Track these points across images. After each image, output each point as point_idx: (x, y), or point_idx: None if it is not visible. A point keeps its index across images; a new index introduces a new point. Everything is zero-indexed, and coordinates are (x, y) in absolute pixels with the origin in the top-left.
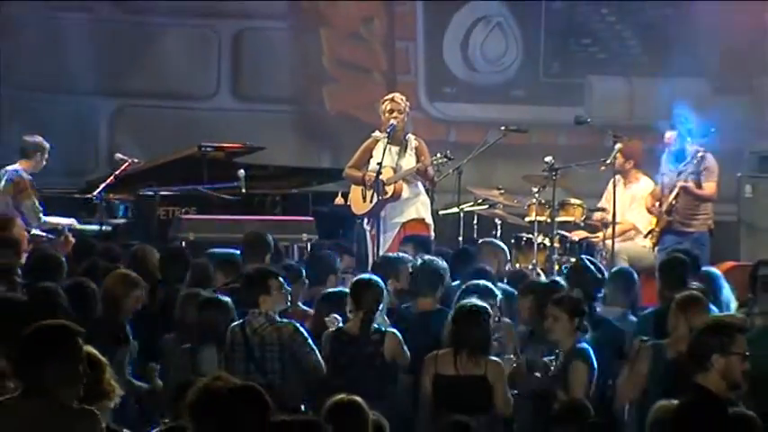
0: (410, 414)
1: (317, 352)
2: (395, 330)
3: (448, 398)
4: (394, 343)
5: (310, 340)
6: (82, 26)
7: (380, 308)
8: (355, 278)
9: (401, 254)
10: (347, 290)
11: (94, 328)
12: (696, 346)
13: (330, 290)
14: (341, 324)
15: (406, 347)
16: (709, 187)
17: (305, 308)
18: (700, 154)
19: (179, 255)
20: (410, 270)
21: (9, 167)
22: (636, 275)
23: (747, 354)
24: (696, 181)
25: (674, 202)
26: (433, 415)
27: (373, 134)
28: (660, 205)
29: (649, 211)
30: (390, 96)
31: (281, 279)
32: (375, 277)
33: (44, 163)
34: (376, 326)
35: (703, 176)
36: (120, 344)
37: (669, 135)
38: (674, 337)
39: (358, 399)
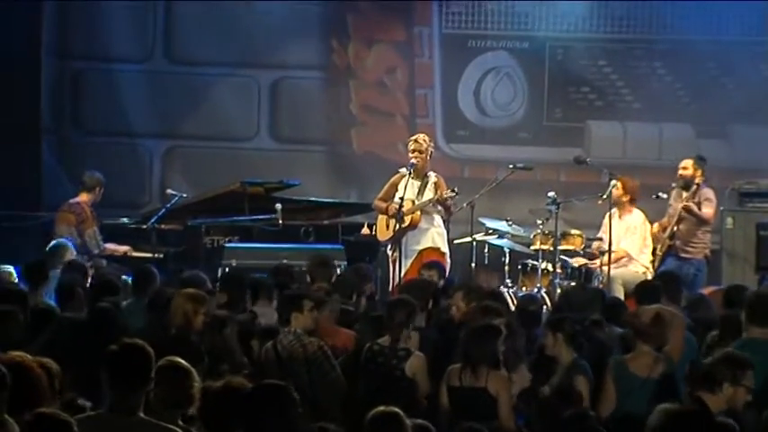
0: None
1: (337, 369)
2: (421, 354)
3: (454, 407)
4: (416, 363)
5: (332, 358)
6: (137, 77)
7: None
8: (391, 298)
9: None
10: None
11: (171, 346)
12: (711, 372)
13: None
14: None
15: (426, 372)
16: (707, 213)
17: (336, 327)
18: (698, 184)
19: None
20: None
21: (72, 200)
22: None
23: (753, 387)
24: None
25: (676, 228)
26: (447, 423)
27: (400, 170)
28: (664, 231)
29: (655, 237)
30: (414, 138)
31: (312, 302)
32: (407, 297)
33: (101, 197)
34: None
35: (703, 204)
36: (196, 360)
37: (686, 164)
38: (635, 352)
39: (397, 410)
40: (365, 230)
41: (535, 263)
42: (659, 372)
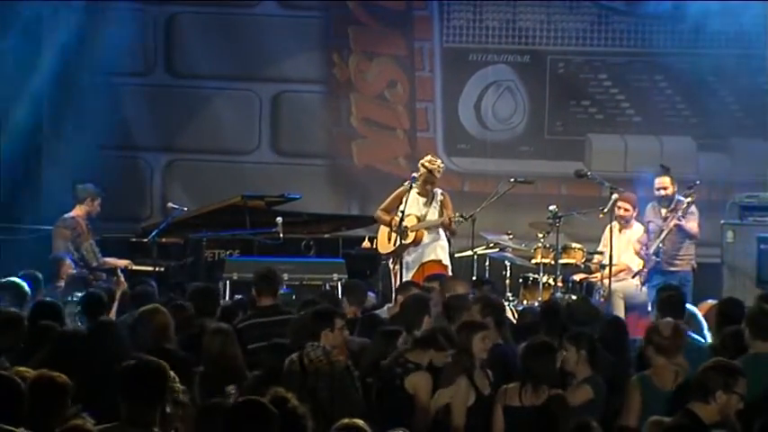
0: None
1: (359, 391)
2: (427, 374)
3: (513, 428)
4: (418, 380)
5: (357, 379)
6: (138, 90)
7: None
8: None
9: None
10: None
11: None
12: (703, 380)
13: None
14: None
15: (428, 392)
16: (693, 227)
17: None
18: (685, 201)
19: (209, 292)
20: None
21: (66, 215)
22: None
23: (744, 395)
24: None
25: (661, 245)
26: None
27: (405, 184)
28: (647, 249)
29: (638, 255)
30: (436, 166)
31: (344, 320)
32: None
33: (98, 208)
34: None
35: (687, 219)
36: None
37: (665, 183)
38: (655, 366)
39: (360, 422)
40: (366, 244)
41: (536, 276)
42: (679, 382)
